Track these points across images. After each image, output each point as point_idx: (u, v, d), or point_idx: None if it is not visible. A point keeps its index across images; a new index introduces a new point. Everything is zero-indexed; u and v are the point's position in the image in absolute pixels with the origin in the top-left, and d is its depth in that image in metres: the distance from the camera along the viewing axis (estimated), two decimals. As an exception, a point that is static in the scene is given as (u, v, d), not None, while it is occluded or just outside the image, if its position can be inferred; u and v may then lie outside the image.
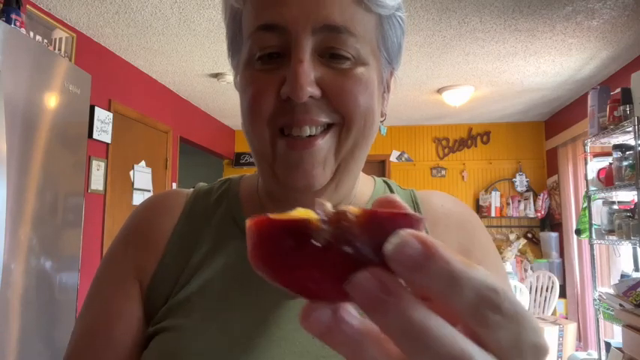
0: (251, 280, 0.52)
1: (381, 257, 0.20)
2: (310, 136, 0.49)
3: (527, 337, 0.20)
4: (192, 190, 0.64)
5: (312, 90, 0.47)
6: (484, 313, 0.20)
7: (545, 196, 5.37)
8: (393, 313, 0.19)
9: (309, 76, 0.47)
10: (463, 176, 5.79)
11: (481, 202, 5.67)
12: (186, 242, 0.57)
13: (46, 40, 2.75)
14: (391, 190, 0.63)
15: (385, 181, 0.66)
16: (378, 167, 5.91)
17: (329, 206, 0.22)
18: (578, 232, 3.56)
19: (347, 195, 0.58)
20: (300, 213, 0.22)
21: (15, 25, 2.00)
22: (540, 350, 0.21)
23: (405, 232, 0.20)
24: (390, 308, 0.19)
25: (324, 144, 0.50)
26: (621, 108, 2.81)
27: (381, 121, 0.58)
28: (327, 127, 0.50)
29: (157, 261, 0.56)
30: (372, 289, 0.20)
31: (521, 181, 5.63)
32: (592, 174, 3.26)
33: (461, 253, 0.51)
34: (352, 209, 0.21)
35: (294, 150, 0.49)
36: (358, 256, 0.21)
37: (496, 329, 0.20)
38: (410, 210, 0.22)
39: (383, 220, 0.21)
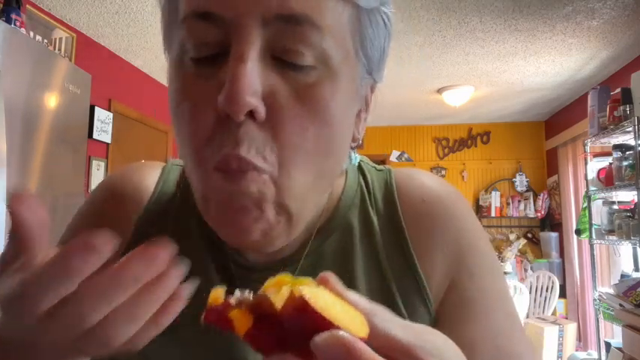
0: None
1: (301, 338, 0.24)
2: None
3: None
4: (162, 169, 0.55)
5: (254, 102, 0.34)
6: None
7: (545, 196, 5.37)
8: None
9: (252, 81, 0.34)
10: (463, 176, 5.79)
11: (481, 202, 5.67)
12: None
13: (46, 40, 2.75)
14: (365, 178, 0.53)
15: (359, 165, 0.54)
16: (378, 167, 5.91)
17: (245, 294, 0.27)
18: (578, 232, 3.56)
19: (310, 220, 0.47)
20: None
21: (15, 25, 2.00)
22: None
23: (328, 335, 0.22)
24: None
25: (260, 182, 0.37)
26: (621, 108, 2.81)
27: (352, 147, 0.47)
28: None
29: None
30: None
31: (521, 181, 5.63)
32: (592, 174, 3.26)
33: (448, 263, 0.49)
34: (273, 298, 0.25)
35: (225, 181, 0.37)
36: (287, 334, 0.25)
37: None
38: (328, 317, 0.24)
39: (305, 315, 0.24)
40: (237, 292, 0.27)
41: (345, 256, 0.49)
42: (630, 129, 2.73)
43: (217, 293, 0.28)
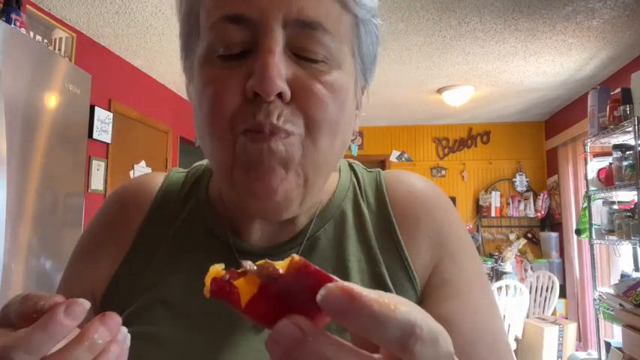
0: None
1: (305, 300, 0.25)
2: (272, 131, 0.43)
3: (443, 350, 0.24)
4: (165, 176, 0.61)
5: (283, 85, 0.41)
6: (408, 345, 0.23)
7: (545, 196, 5.37)
8: (309, 351, 0.23)
9: (280, 68, 0.41)
10: (463, 176, 5.79)
11: (481, 202, 5.67)
12: (151, 242, 0.55)
13: (46, 40, 2.75)
14: (357, 177, 0.60)
15: (351, 166, 0.61)
16: (378, 167, 5.92)
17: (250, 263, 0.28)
18: (578, 232, 3.56)
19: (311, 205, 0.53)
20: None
21: (15, 25, 2.00)
22: (451, 354, 0.25)
23: (332, 285, 0.23)
24: (306, 347, 0.23)
25: (288, 143, 0.43)
26: (621, 108, 2.81)
27: (352, 140, 0.52)
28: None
29: (120, 262, 0.54)
30: (292, 333, 0.24)
31: (521, 181, 5.63)
32: (592, 174, 3.26)
33: (432, 248, 0.55)
34: (276, 263, 0.27)
35: (254, 143, 0.42)
36: (291, 298, 0.26)
37: (419, 355, 0.23)
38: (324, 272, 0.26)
39: (307, 275, 0.26)
40: (248, 263, 0.29)
41: (339, 241, 0.54)
42: (630, 129, 2.73)
43: (217, 268, 0.29)
